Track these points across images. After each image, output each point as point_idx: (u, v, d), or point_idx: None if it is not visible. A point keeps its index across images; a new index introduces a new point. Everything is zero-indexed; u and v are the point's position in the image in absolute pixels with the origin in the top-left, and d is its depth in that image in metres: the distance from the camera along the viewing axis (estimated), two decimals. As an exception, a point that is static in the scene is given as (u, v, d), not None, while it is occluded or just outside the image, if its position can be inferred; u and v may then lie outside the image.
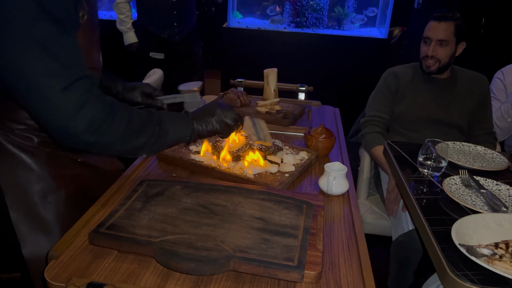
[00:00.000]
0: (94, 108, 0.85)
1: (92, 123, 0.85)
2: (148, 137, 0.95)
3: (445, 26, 1.80)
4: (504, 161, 1.50)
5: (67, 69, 0.83)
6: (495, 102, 2.17)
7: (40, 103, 0.83)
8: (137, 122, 0.94)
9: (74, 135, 0.85)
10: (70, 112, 0.83)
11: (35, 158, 1.07)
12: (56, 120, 0.84)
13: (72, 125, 0.84)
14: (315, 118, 1.88)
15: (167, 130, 1.00)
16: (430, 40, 1.84)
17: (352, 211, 1.14)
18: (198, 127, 1.07)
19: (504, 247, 0.99)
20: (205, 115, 1.09)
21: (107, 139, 0.89)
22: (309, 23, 3.68)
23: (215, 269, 0.81)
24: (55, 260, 0.88)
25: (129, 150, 0.95)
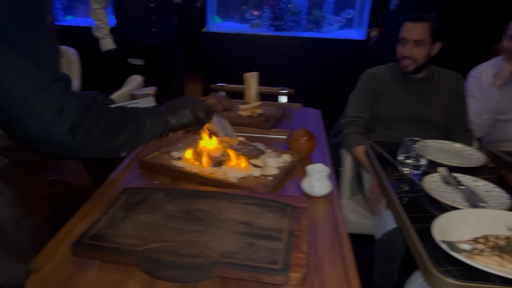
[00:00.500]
0: (73, 110, 0.81)
1: (73, 125, 0.81)
2: (127, 135, 0.93)
3: (420, 27, 1.84)
4: (481, 158, 1.54)
5: (43, 71, 0.79)
6: (471, 100, 2.22)
7: (16, 109, 0.78)
8: (115, 121, 0.91)
9: (55, 139, 0.81)
10: (50, 115, 0.78)
11: (4, 181, 1.02)
12: (35, 125, 0.79)
13: (53, 129, 0.79)
14: (297, 120, 1.89)
15: (144, 125, 0.97)
16: (406, 41, 1.88)
17: (335, 212, 1.15)
18: (172, 120, 1.05)
19: (484, 241, 1.01)
20: (178, 108, 1.08)
21: (89, 140, 0.85)
22: (288, 26, 3.70)
23: (200, 275, 0.81)
24: (36, 273, 0.86)
25: (109, 150, 0.92)
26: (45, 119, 0.78)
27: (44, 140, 0.81)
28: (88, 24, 3.98)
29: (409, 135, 1.70)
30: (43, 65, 0.80)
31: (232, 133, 1.32)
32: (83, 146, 0.86)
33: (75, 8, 4.30)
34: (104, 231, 0.91)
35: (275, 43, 3.61)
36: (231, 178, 1.25)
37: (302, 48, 3.61)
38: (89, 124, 0.84)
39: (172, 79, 3.06)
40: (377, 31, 4.12)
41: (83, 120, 0.83)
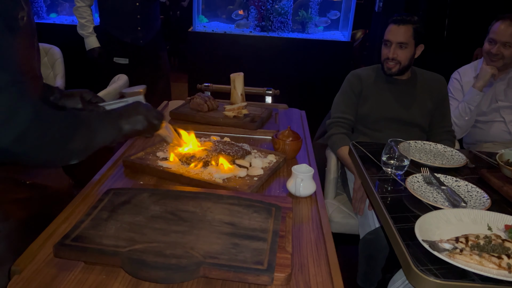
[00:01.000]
0: (24, 117, 0.77)
1: (21, 134, 0.77)
2: (77, 142, 0.89)
3: (404, 29, 1.87)
4: (462, 158, 1.57)
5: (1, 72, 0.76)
6: (453, 101, 2.26)
7: None
8: (66, 129, 0.87)
9: (4, 143, 0.76)
10: (1, 118, 0.75)
11: None
12: None
13: (3, 132, 0.76)
14: (282, 121, 1.90)
15: (95, 132, 0.94)
16: (390, 43, 1.90)
17: (319, 212, 1.16)
18: (125, 126, 1.01)
19: (464, 241, 1.03)
20: (132, 114, 1.03)
21: (37, 149, 0.82)
22: (274, 27, 3.72)
23: (185, 276, 0.81)
24: (18, 275, 0.85)
25: (59, 158, 0.89)
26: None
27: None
28: (72, 22, 3.93)
29: (392, 136, 1.73)
30: (1, 67, 0.77)
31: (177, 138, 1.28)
32: (29, 155, 0.82)
33: (59, 6, 4.24)
34: (88, 232, 0.90)
35: (261, 43, 3.62)
36: (216, 178, 1.25)
37: (288, 49, 3.63)
38: (39, 132, 0.80)
39: (157, 79, 3.04)
40: (362, 33, 4.17)
41: (33, 129, 0.79)
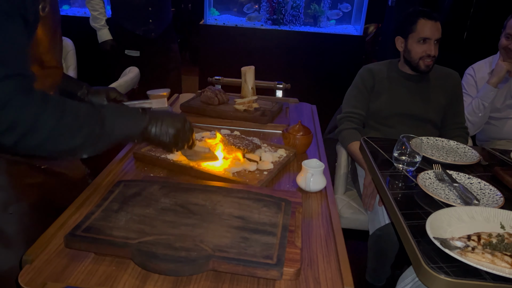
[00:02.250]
0: (18, 109, 0.76)
1: (13, 125, 0.77)
2: (85, 137, 0.86)
3: (439, 25, 1.85)
4: (475, 155, 1.55)
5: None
6: (466, 97, 2.23)
7: None
8: (71, 123, 0.84)
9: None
10: None
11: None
12: None
13: None
14: (293, 115, 1.89)
15: (112, 128, 0.91)
16: (430, 40, 1.86)
17: (329, 207, 1.15)
18: (152, 130, 0.98)
19: (476, 239, 1.02)
20: (166, 123, 1.00)
21: (32, 141, 0.80)
22: (286, 20, 3.69)
23: (194, 269, 0.81)
24: (29, 265, 0.86)
25: (63, 151, 0.86)
26: None
27: None
28: (85, 14, 3.94)
29: (404, 131, 1.70)
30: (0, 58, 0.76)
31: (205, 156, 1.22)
32: (25, 146, 0.81)
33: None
34: (98, 223, 0.91)
35: (272, 37, 3.60)
36: (226, 172, 1.25)
37: (299, 42, 3.60)
38: (33, 126, 0.79)
39: (168, 71, 3.04)
40: (374, 27, 4.12)
41: (26, 121, 0.78)
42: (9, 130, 0.77)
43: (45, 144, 0.82)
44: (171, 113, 1.06)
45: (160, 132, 1.00)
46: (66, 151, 0.86)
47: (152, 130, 0.99)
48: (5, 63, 0.77)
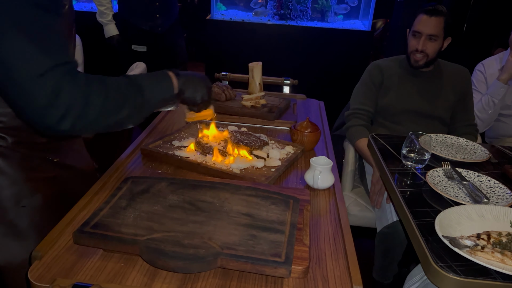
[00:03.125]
0: (71, 94, 0.80)
1: (68, 110, 0.80)
2: (130, 108, 0.91)
3: (436, 21, 1.81)
4: (485, 153, 1.53)
5: (45, 56, 0.79)
6: (476, 94, 2.21)
7: (15, 89, 0.78)
8: (116, 98, 0.89)
9: (51, 123, 0.80)
10: (46, 99, 0.78)
11: (8, 160, 1.02)
12: (31, 108, 0.78)
13: (49, 113, 0.79)
14: (300, 111, 1.88)
15: (151, 95, 0.96)
16: (420, 35, 1.84)
17: (337, 205, 1.14)
18: (185, 90, 1.05)
19: (486, 238, 1.01)
20: (196, 83, 1.09)
21: (86, 121, 0.84)
22: (293, 15, 3.67)
23: (202, 266, 0.81)
24: (38, 261, 0.86)
25: (112, 125, 0.91)
26: (41, 103, 0.78)
27: (40, 123, 0.81)
28: (92, 9, 3.95)
29: (412, 128, 1.69)
30: (47, 50, 0.79)
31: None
32: (80, 128, 0.84)
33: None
34: (107, 220, 0.91)
35: (279, 32, 3.58)
36: (234, 169, 1.25)
37: (307, 38, 3.58)
38: (86, 107, 0.83)
39: (175, 67, 3.03)
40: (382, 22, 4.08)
41: (80, 104, 0.82)
42: (65, 116, 0.80)
43: (97, 122, 0.86)
44: (195, 73, 1.13)
45: (193, 91, 1.08)
46: (116, 123, 0.91)
47: (186, 90, 1.06)
48: (53, 53, 0.80)
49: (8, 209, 1.03)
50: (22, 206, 1.04)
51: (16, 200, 1.04)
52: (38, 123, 0.81)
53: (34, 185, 1.06)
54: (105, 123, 0.89)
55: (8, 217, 1.03)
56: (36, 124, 0.82)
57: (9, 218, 1.03)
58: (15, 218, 1.04)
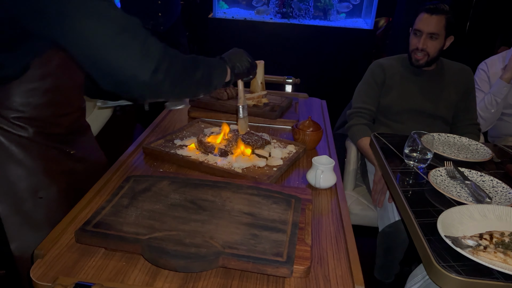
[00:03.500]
0: (159, 50, 0.92)
1: (159, 63, 0.90)
2: (200, 75, 1.03)
3: (437, 20, 1.79)
4: (488, 152, 1.52)
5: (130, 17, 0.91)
6: (478, 93, 2.20)
7: (109, 52, 0.87)
8: (189, 62, 1.01)
9: (146, 75, 0.89)
10: (140, 53, 0.88)
11: (27, 152, 1.05)
12: (128, 63, 0.87)
13: (144, 65, 0.88)
14: (302, 110, 1.88)
15: (214, 68, 1.11)
16: (421, 33, 1.83)
17: (340, 205, 1.14)
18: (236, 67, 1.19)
19: (489, 238, 1.01)
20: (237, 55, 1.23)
21: (171, 78, 0.94)
22: (295, 13, 3.66)
23: (204, 265, 0.81)
24: (40, 259, 0.87)
25: (187, 89, 1.03)
26: (136, 58, 0.88)
27: (136, 77, 0.89)
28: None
29: (414, 127, 1.69)
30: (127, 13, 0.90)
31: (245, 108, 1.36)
32: (166, 84, 0.93)
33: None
34: (109, 219, 0.91)
35: (281, 30, 3.57)
36: (235, 168, 1.25)
37: (309, 36, 3.57)
38: (170, 64, 0.93)
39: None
40: (385, 21, 4.07)
41: (165, 60, 0.92)
42: (158, 68, 0.90)
43: (181, 80, 0.98)
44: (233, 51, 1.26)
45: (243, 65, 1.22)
46: (189, 88, 1.03)
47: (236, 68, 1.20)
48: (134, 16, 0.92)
49: (25, 200, 1.05)
50: (39, 198, 1.07)
51: (33, 191, 1.06)
52: (135, 78, 0.88)
53: (51, 177, 1.09)
54: (183, 84, 0.99)
55: (25, 208, 1.06)
56: (132, 79, 0.89)
57: (26, 208, 1.06)
58: (31, 209, 1.06)
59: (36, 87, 1.02)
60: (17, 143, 1.04)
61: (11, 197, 1.04)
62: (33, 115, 1.04)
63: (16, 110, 1.02)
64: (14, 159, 1.04)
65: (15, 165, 1.04)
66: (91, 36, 0.86)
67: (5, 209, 1.03)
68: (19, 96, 1.01)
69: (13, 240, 1.05)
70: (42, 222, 1.07)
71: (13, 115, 1.02)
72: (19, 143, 1.04)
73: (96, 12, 0.86)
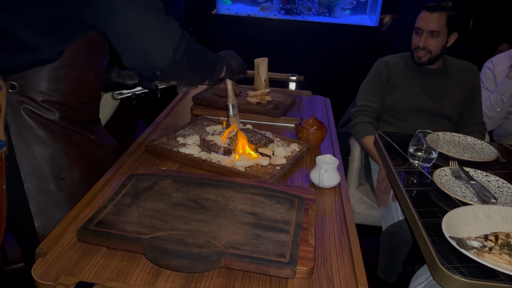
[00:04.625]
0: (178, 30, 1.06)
1: (180, 40, 1.05)
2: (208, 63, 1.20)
3: (437, 17, 1.78)
4: (493, 152, 1.51)
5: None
6: (484, 91, 2.18)
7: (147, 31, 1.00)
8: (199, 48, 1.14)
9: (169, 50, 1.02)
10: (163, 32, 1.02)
11: (53, 134, 1.12)
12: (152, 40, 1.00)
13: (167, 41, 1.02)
14: (306, 108, 1.87)
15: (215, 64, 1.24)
16: (421, 31, 1.82)
17: (343, 204, 1.13)
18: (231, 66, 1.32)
19: (494, 239, 0.99)
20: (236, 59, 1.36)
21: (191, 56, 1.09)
22: (299, 10, 3.63)
23: (206, 266, 0.80)
24: (42, 258, 0.86)
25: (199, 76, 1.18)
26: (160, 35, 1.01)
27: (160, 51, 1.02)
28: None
29: (419, 126, 1.67)
30: None
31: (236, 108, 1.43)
32: (184, 63, 1.07)
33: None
34: (111, 218, 0.91)
35: (285, 27, 3.55)
36: (238, 166, 1.24)
37: (313, 33, 3.54)
38: (187, 47, 1.07)
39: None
40: (390, 18, 4.04)
41: (184, 43, 1.06)
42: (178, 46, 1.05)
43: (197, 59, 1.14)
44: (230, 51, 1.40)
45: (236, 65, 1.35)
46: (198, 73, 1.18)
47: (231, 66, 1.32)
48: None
49: (50, 180, 1.13)
50: (62, 178, 1.14)
51: (57, 172, 1.14)
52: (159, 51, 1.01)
53: (73, 159, 1.17)
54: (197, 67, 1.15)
55: (49, 187, 1.13)
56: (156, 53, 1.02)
57: (50, 188, 1.13)
58: (55, 189, 1.13)
59: (65, 74, 1.10)
60: (44, 125, 1.11)
61: (37, 177, 1.11)
62: (60, 100, 1.12)
63: (46, 94, 1.09)
64: (40, 141, 1.11)
65: (42, 146, 1.11)
66: (120, 15, 0.98)
67: (31, 188, 1.11)
68: (49, 81, 1.08)
69: (37, 218, 1.12)
70: (64, 203, 1.14)
71: (42, 98, 1.09)
72: (46, 125, 1.11)
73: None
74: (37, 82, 1.08)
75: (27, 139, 1.09)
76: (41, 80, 1.08)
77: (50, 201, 1.13)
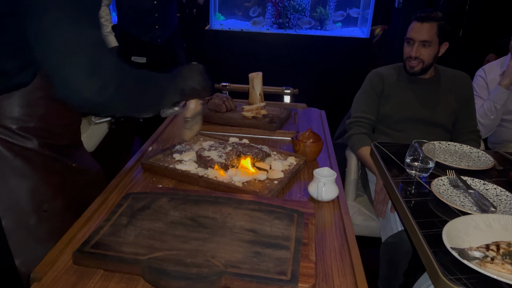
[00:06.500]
0: (106, 71, 0.90)
1: (108, 80, 0.89)
2: (150, 98, 1.04)
3: (428, 27, 1.81)
4: (489, 160, 1.51)
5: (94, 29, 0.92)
6: (477, 99, 2.19)
7: (60, 62, 0.86)
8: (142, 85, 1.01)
9: (93, 91, 0.87)
10: (90, 69, 0.87)
11: (32, 164, 1.04)
12: (75, 78, 0.86)
13: (92, 81, 0.87)
14: (302, 121, 1.87)
15: (165, 90, 1.09)
16: (413, 41, 1.84)
17: (343, 218, 1.12)
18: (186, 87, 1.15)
19: (495, 248, 0.98)
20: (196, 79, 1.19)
21: (122, 95, 0.94)
22: (292, 24, 3.67)
23: (206, 286, 0.79)
24: (37, 283, 0.84)
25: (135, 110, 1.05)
26: (84, 74, 0.86)
27: (82, 92, 0.87)
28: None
29: (414, 136, 1.67)
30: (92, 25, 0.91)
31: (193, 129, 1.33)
32: (115, 101, 0.93)
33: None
34: (107, 239, 0.89)
35: (278, 41, 3.58)
36: (236, 182, 1.23)
37: (306, 46, 3.57)
38: (122, 80, 0.92)
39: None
40: (381, 29, 4.08)
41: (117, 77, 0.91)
42: (106, 86, 0.89)
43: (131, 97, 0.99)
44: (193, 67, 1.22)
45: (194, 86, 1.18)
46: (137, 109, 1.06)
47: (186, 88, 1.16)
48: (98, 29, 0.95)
49: (30, 214, 1.04)
50: (43, 211, 1.05)
51: (38, 204, 1.05)
52: (82, 92, 0.87)
53: (55, 189, 1.08)
54: (135, 101, 1.01)
55: (30, 221, 1.04)
56: (79, 93, 0.87)
57: (31, 221, 1.04)
58: (36, 221, 1.04)
59: (41, 96, 1.01)
60: (21, 155, 1.02)
61: (16, 211, 1.02)
62: (38, 125, 1.03)
63: (21, 120, 1.01)
64: (18, 172, 1.02)
65: (19, 178, 1.02)
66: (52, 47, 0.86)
67: (9, 224, 1.01)
68: (24, 106, 1.00)
69: (18, 256, 1.02)
70: (47, 236, 1.06)
71: (17, 125, 1.01)
72: (23, 155, 1.02)
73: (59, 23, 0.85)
74: (10, 108, 0.99)
75: (3, 172, 1.01)
76: (14, 105, 0.99)
77: (32, 236, 1.04)
